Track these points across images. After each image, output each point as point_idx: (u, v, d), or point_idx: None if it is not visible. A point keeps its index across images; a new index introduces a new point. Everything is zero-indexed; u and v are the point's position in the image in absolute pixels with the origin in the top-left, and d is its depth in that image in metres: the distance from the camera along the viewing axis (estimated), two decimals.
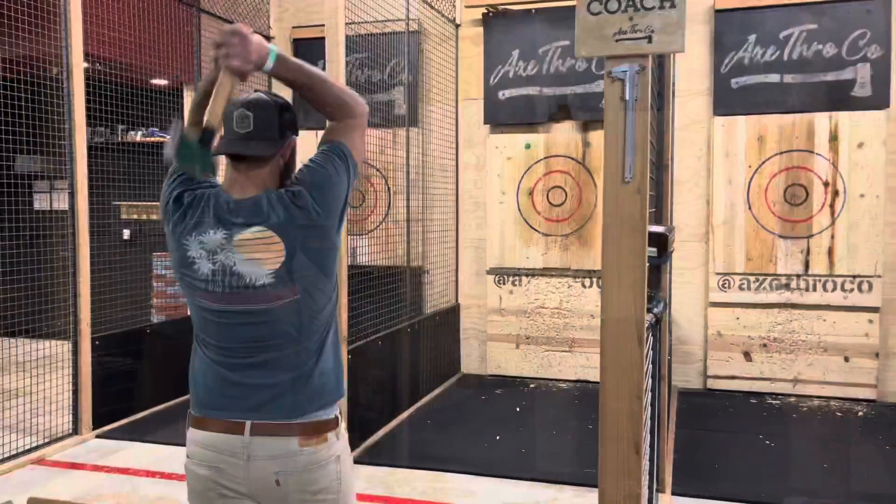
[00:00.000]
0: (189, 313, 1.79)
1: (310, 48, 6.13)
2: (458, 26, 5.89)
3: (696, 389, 5.49)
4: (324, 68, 4.09)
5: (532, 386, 5.63)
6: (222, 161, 1.75)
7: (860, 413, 4.91)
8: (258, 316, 1.67)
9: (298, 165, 1.77)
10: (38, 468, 3.96)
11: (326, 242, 1.68)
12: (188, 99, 6.30)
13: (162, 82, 6.19)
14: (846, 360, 5.17)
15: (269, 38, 6.30)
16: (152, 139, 6.72)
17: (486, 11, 5.75)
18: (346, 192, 1.71)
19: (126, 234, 7.05)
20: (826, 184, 5.16)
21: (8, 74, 4.67)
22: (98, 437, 4.45)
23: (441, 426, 4.67)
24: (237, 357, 1.70)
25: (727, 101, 5.33)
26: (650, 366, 2.42)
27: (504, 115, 5.77)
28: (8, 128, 4.42)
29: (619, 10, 1.38)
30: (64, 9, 4.23)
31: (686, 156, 5.45)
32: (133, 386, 4.88)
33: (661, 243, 1.72)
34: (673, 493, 3.58)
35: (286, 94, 1.90)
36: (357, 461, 3.82)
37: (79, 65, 4.28)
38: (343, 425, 1.80)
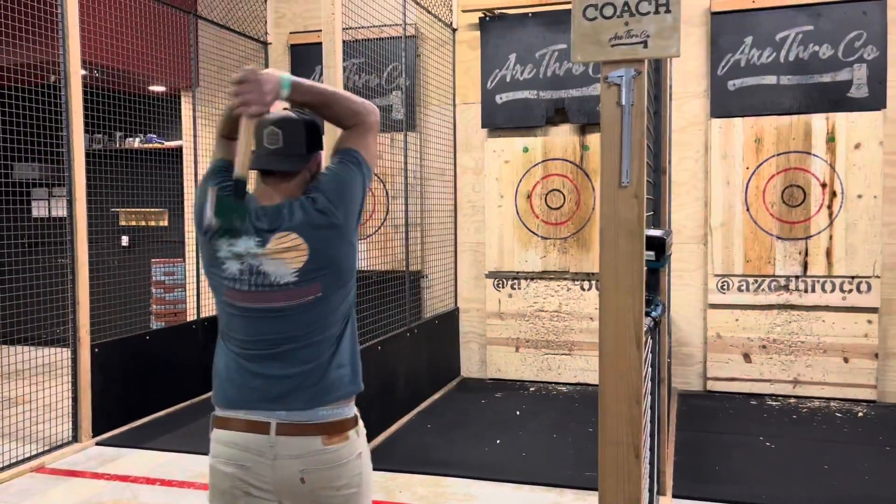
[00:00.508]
0: (216, 312, 1.88)
1: (307, 53, 6.15)
2: (454, 31, 5.90)
3: (696, 391, 5.50)
4: (321, 74, 4.10)
5: (532, 389, 5.63)
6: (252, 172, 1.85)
7: (860, 414, 4.91)
8: (281, 312, 1.76)
9: None
10: (38, 476, 3.96)
11: (345, 242, 1.79)
12: (185, 105, 6.30)
13: (160, 89, 6.19)
14: (845, 360, 5.17)
15: (266, 44, 6.31)
16: (150, 145, 6.73)
17: (482, 16, 5.77)
18: (362, 195, 1.83)
19: (125, 240, 7.06)
20: (823, 185, 5.17)
21: (6, 82, 4.67)
22: (98, 444, 4.45)
23: (441, 430, 4.67)
24: (260, 349, 1.78)
25: (724, 102, 5.34)
26: (649, 369, 2.42)
27: (501, 119, 5.78)
28: (6, 136, 4.43)
29: (614, 16, 1.39)
30: (62, 17, 4.23)
31: (684, 158, 5.47)
32: (133, 392, 4.88)
33: (659, 247, 1.72)
34: (673, 496, 3.58)
35: None
36: None
37: (76, 72, 4.29)
38: (361, 423, 1.87)
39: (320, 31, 4.02)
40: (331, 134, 1.99)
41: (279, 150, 1.76)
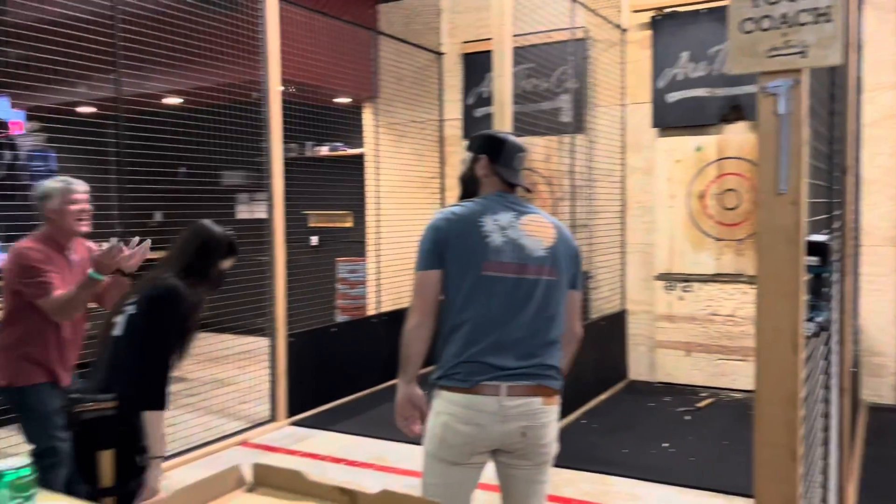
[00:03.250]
0: (448, 299, 2.13)
1: (479, 61, 6.38)
2: (624, 31, 5.87)
3: (888, 405, 5.09)
4: (490, 81, 4.28)
5: (703, 395, 5.48)
6: None
7: None
8: (529, 285, 2.09)
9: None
10: (243, 449, 4.48)
11: (570, 270, 2.21)
12: (367, 115, 6.76)
13: (344, 101, 6.71)
14: None
15: (440, 55, 6.62)
16: (337, 153, 7.29)
17: (654, 15, 5.69)
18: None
19: (314, 240, 7.70)
20: None
21: (215, 101, 5.30)
22: (292, 424, 4.93)
23: (607, 431, 4.69)
24: (504, 318, 2.07)
25: None
26: (822, 376, 2.35)
27: (672, 118, 5.67)
28: (217, 147, 5.03)
29: (772, 28, 1.41)
30: (263, 40, 4.74)
31: (876, 154, 5.07)
32: (322, 379, 5.34)
33: (822, 252, 1.71)
34: None
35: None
36: None
37: (276, 89, 4.78)
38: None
39: (491, 39, 4.19)
40: None
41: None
